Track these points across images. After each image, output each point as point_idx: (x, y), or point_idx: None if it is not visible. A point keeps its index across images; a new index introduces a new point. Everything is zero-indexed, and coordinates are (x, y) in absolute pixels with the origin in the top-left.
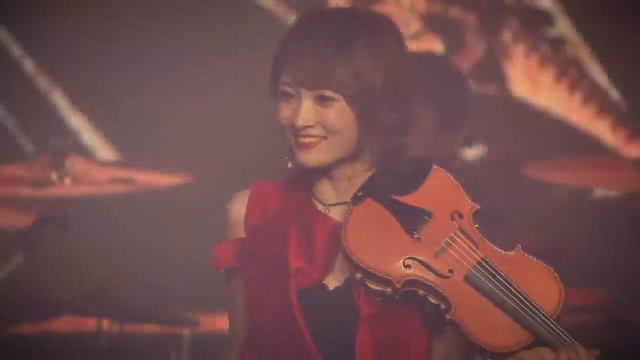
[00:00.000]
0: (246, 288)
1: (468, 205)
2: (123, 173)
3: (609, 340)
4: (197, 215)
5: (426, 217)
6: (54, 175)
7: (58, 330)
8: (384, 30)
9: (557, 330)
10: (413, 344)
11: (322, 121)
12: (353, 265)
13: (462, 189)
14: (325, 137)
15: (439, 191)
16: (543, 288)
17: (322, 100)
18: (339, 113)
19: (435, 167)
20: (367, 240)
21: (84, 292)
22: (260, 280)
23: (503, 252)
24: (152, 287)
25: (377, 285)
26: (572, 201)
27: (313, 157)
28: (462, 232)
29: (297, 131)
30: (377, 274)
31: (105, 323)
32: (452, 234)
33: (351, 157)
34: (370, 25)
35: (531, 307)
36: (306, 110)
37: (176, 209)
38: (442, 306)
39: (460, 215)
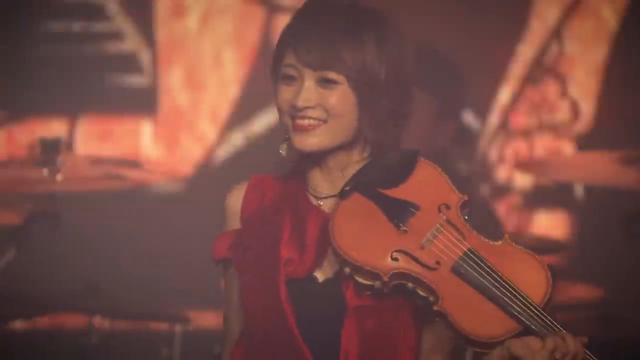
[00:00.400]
0: (239, 278)
1: (455, 196)
2: (115, 170)
3: (604, 336)
4: (189, 212)
5: (412, 210)
6: (45, 172)
7: (49, 327)
8: (390, 27)
9: (544, 319)
10: (401, 337)
11: (323, 103)
12: (341, 260)
13: (449, 181)
14: (324, 121)
15: (426, 183)
16: (530, 277)
17: (325, 82)
18: (341, 96)
19: (423, 159)
20: (355, 234)
21: (75, 289)
22: (252, 270)
23: (490, 242)
24: (144, 283)
25: (365, 280)
26: (565, 197)
27: (311, 141)
28: (449, 223)
29: (296, 112)
30: (364, 267)
31: (96, 320)
32: (438, 226)
33: (347, 146)
34: (377, 20)
35: (518, 296)
36: (308, 91)
37: (167, 206)
38: (431, 298)
39: (448, 207)
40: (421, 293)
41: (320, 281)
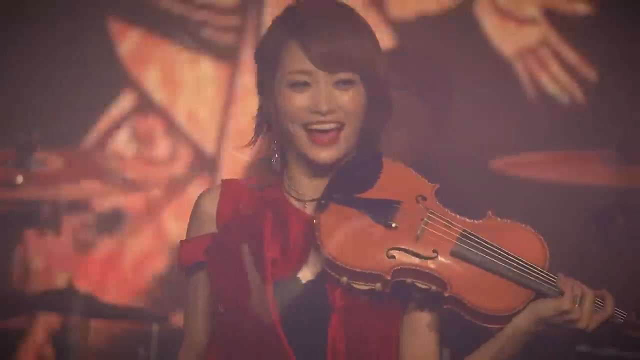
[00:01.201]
0: (214, 283)
1: (428, 186)
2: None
3: (576, 334)
4: (167, 211)
5: (396, 205)
6: (19, 179)
7: (26, 327)
8: (367, 23)
9: (554, 280)
10: (386, 336)
11: (342, 105)
12: (338, 270)
13: (417, 173)
14: (342, 125)
15: (396, 180)
16: (526, 245)
17: (341, 84)
18: (356, 96)
19: (386, 158)
20: (345, 242)
21: (53, 289)
22: (233, 273)
23: (476, 221)
24: (122, 283)
25: (364, 285)
26: (540, 196)
27: (331, 153)
28: (433, 212)
29: (318, 117)
30: (364, 272)
31: (73, 319)
32: (427, 215)
33: None
34: (360, 16)
35: (523, 264)
36: (329, 94)
37: (145, 204)
38: (433, 288)
39: (424, 198)
40: (421, 286)
41: (303, 282)
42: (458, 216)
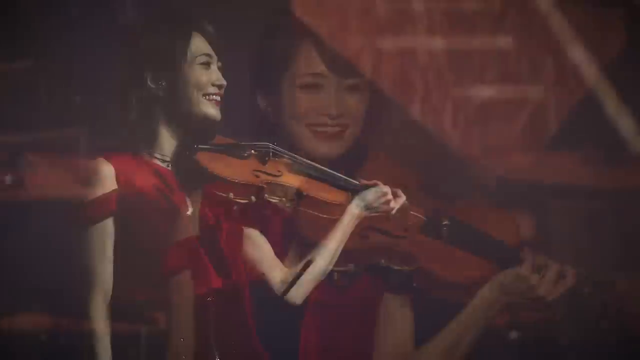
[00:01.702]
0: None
1: (412, 178)
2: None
3: (569, 336)
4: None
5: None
6: (7, 179)
7: (15, 328)
8: None
9: (516, 252)
10: (359, 331)
11: (349, 108)
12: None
13: (402, 167)
14: (347, 126)
15: (380, 171)
16: (499, 224)
17: (350, 88)
18: (361, 99)
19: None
20: (323, 225)
21: (41, 290)
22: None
23: (453, 205)
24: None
25: (340, 266)
26: (534, 196)
27: (334, 148)
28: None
29: (325, 119)
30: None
31: (62, 321)
32: (401, 201)
33: None
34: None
35: (487, 239)
36: (341, 98)
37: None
38: (406, 268)
39: (405, 187)
40: (395, 267)
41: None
42: (433, 200)
